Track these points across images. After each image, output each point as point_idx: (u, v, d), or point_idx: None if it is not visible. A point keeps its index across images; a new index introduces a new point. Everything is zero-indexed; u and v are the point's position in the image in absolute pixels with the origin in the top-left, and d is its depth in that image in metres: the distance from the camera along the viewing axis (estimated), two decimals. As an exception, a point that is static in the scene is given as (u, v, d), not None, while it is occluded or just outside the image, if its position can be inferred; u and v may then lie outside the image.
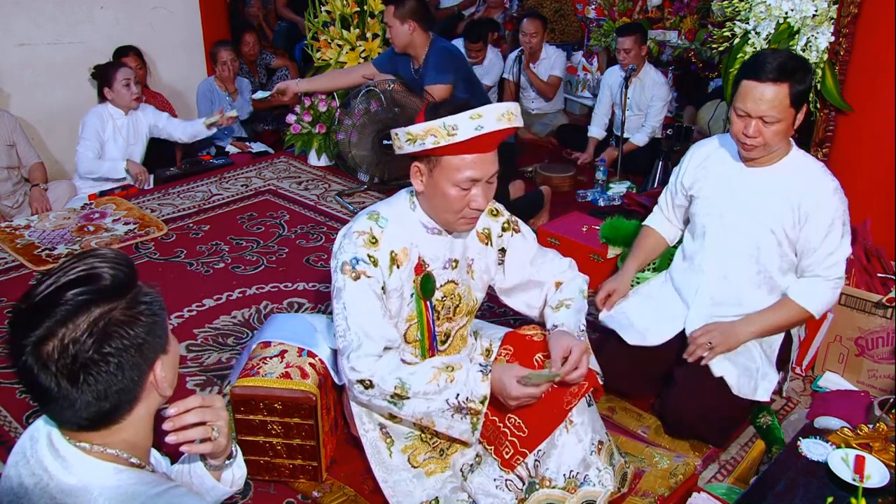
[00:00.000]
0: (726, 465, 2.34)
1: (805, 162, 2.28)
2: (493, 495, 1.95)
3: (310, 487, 2.17)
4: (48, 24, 4.53)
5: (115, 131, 4.27)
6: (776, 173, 2.27)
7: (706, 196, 2.41)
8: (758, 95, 2.11)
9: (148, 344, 1.10)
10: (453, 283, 2.03)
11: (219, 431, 1.27)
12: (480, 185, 1.84)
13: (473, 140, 1.75)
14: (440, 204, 1.88)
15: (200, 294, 3.26)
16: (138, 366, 1.10)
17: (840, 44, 2.62)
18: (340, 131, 4.35)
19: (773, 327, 2.35)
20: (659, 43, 5.60)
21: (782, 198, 2.25)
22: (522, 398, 1.83)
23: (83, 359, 1.03)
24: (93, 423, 1.10)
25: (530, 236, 2.18)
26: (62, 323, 1.02)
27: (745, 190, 2.31)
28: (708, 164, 2.43)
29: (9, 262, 3.52)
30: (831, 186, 2.23)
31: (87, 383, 1.05)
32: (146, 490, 1.10)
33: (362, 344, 1.85)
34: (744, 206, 2.31)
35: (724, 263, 2.37)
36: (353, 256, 1.87)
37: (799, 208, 2.23)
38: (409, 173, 1.90)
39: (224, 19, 5.46)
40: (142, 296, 1.11)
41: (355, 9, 4.58)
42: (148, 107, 4.45)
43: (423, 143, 1.77)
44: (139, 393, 1.12)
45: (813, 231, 2.23)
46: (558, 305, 2.09)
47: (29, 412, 2.48)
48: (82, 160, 4.21)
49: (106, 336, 1.04)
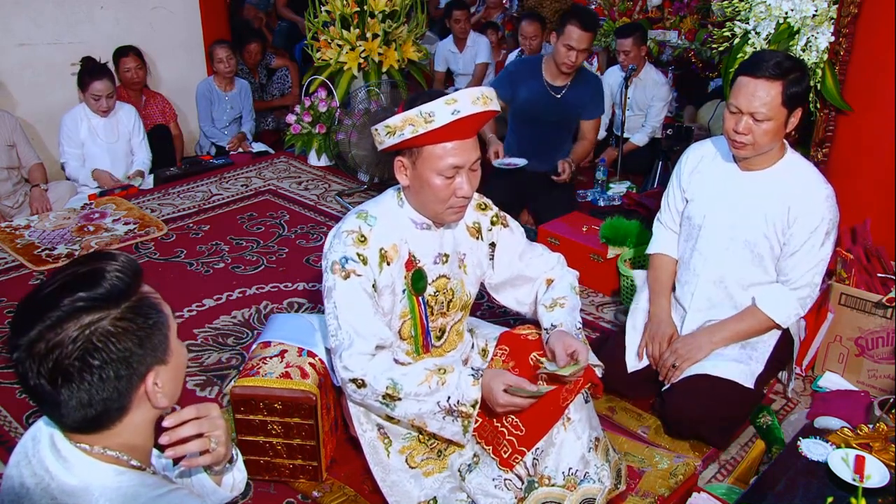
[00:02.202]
0: (726, 465, 2.34)
1: (800, 166, 2.28)
2: (493, 495, 1.95)
3: (310, 487, 2.17)
4: (48, 24, 4.53)
5: (90, 132, 4.27)
6: (770, 177, 2.27)
7: (700, 198, 2.41)
8: (751, 91, 2.12)
9: (137, 356, 1.07)
10: (445, 278, 2.04)
11: (217, 442, 1.26)
12: (464, 173, 1.85)
13: (452, 126, 1.76)
14: (427, 196, 1.88)
15: (200, 294, 3.26)
16: (126, 377, 1.07)
17: (840, 44, 2.62)
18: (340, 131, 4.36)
19: (738, 336, 2.35)
20: (659, 43, 5.60)
21: (776, 202, 2.24)
22: (508, 406, 1.85)
23: (64, 366, 1.02)
24: (82, 427, 1.10)
25: (518, 231, 2.18)
26: (52, 327, 1.02)
27: (738, 193, 2.31)
28: (702, 167, 2.43)
29: (9, 262, 3.52)
30: (824, 194, 2.22)
31: (69, 390, 1.04)
32: (147, 492, 1.09)
33: (353, 342, 1.86)
34: (737, 209, 2.31)
35: (718, 266, 2.37)
36: (343, 255, 1.88)
37: (789, 211, 2.23)
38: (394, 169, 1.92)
39: (224, 19, 5.46)
40: (140, 306, 1.08)
41: (355, 9, 4.58)
42: (132, 112, 4.42)
43: (402, 133, 1.79)
44: (128, 403, 1.10)
45: (797, 234, 2.23)
46: (552, 305, 2.09)
47: (29, 412, 2.48)
48: (69, 168, 4.29)
49: (90, 345, 1.03)
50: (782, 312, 2.31)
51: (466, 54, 5.86)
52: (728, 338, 2.35)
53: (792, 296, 2.29)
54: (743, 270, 2.34)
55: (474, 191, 1.91)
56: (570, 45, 3.40)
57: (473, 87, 1.82)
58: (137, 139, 4.46)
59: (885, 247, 2.68)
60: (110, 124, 4.32)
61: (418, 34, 4.86)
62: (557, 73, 3.57)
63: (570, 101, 3.62)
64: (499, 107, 1.87)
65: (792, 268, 2.27)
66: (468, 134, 1.84)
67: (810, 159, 2.78)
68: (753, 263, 2.33)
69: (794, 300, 2.30)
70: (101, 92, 4.15)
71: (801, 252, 2.24)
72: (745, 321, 2.35)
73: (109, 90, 4.20)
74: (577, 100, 3.63)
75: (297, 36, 6.49)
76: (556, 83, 3.60)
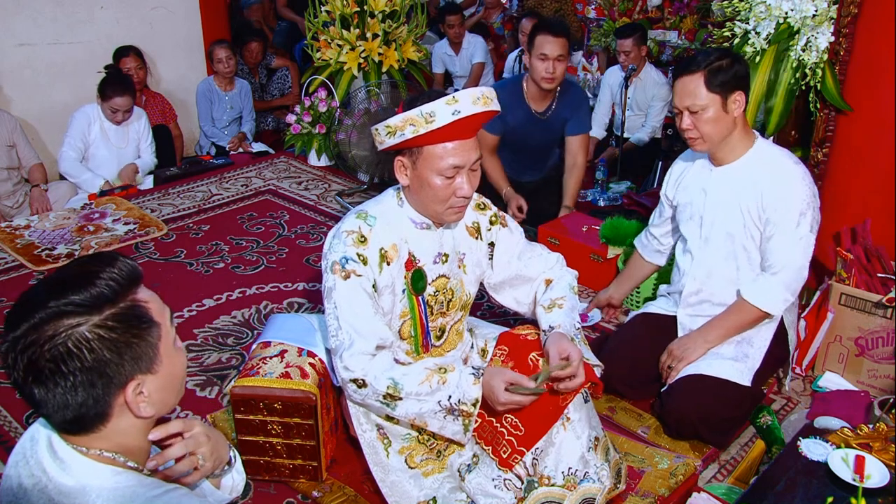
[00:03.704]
0: (726, 465, 2.34)
1: (770, 151, 2.32)
2: (492, 495, 1.95)
3: (310, 487, 2.17)
4: (48, 24, 4.53)
5: (102, 133, 4.28)
6: (742, 168, 2.31)
7: (684, 202, 2.48)
8: (679, 88, 2.24)
9: (114, 365, 1.05)
10: (445, 278, 2.04)
11: (204, 458, 1.26)
12: (464, 173, 1.85)
13: (452, 126, 1.76)
14: (427, 196, 1.88)
15: (200, 294, 3.26)
16: (102, 385, 1.05)
17: (840, 44, 2.62)
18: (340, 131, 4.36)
19: (731, 331, 2.37)
20: (659, 43, 5.61)
21: (749, 191, 2.28)
22: (509, 404, 1.84)
23: (39, 366, 1.02)
24: (66, 428, 1.09)
25: (517, 231, 2.19)
26: (35, 327, 1.02)
27: (716, 190, 2.36)
28: (685, 174, 2.51)
29: (9, 262, 3.52)
30: (794, 173, 2.25)
31: (44, 390, 1.04)
32: (144, 492, 1.09)
33: (354, 342, 1.86)
34: (717, 205, 2.36)
35: (705, 263, 2.42)
36: (343, 256, 1.88)
37: (762, 196, 2.25)
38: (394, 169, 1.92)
39: (224, 19, 5.46)
40: (125, 314, 1.06)
41: (355, 9, 4.58)
42: (143, 117, 4.45)
43: (402, 133, 1.79)
44: (107, 409, 1.08)
45: (773, 218, 2.25)
46: (550, 305, 2.09)
47: (29, 412, 2.48)
48: (64, 159, 4.23)
49: (65, 349, 1.01)
50: (769, 300, 2.31)
51: (463, 56, 5.87)
52: (722, 335, 2.37)
53: (775, 281, 2.30)
54: (728, 264, 2.38)
55: (474, 191, 1.91)
56: (545, 54, 3.23)
57: (474, 88, 1.82)
58: (145, 143, 4.48)
59: (885, 247, 2.68)
60: (122, 129, 4.34)
61: (418, 34, 4.86)
62: (540, 96, 3.40)
63: (553, 123, 3.53)
64: (499, 107, 1.87)
65: (771, 252, 2.29)
66: (468, 134, 1.84)
67: (810, 159, 2.79)
68: (737, 257, 2.36)
69: (779, 286, 2.30)
70: (120, 107, 4.19)
71: (777, 235, 2.26)
72: (735, 315, 2.37)
73: (128, 106, 4.22)
74: (561, 118, 3.53)
75: (297, 36, 6.49)
76: (541, 108, 3.46)
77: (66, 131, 4.23)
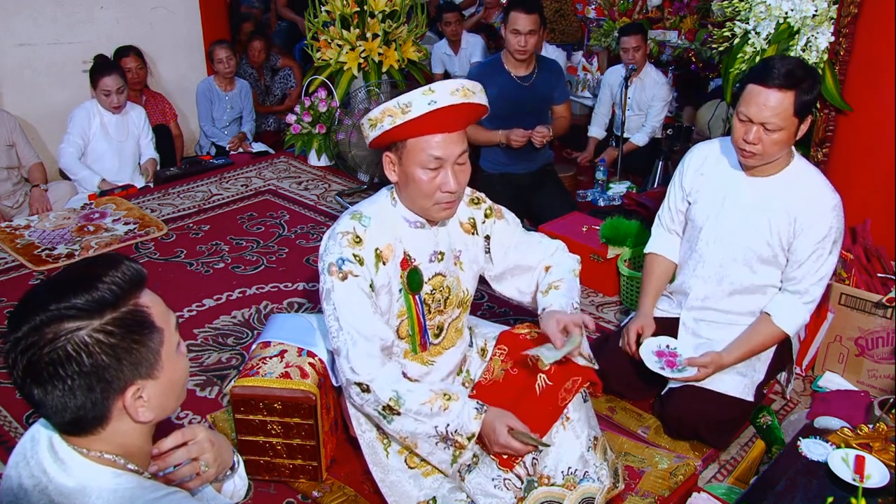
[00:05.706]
0: (726, 465, 2.34)
1: (807, 174, 2.25)
2: (492, 495, 1.95)
3: (310, 487, 2.17)
4: (48, 24, 4.53)
5: (102, 128, 4.28)
6: (776, 184, 2.24)
7: (703, 201, 2.39)
8: (762, 101, 2.07)
9: (113, 370, 1.04)
10: (441, 276, 2.03)
11: (207, 464, 1.26)
12: (449, 168, 1.83)
13: (431, 118, 1.75)
14: (413, 191, 1.88)
15: (200, 294, 3.26)
16: (100, 390, 1.05)
17: (840, 44, 2.62)
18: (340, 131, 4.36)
19: (755, 351, 2.34)
20: (659, 43, 5.61)
21: (781, 210, 2.22)
22: (506, 448, 1.86)
23: (38, 368, 1.02)
24: (65, 429, 1.10)
25: (514, 222, 2.18)
26: (36, 329, 1.02)
27: (743, 199, 2.28)
28: (706, 170, 2.40)
29: (9, 262, 3.52)
30: (831, 203, 2.19)
31: (42, 391, 1.04)
32: (144, 494, 1.09)
33: (357, 342, 1.86)
34: (741, 214, 2.29)
35: (718, 269, 2.36)
36: (339, 257, 1.88)
37: (795, 221, 2.21)
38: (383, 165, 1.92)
39: (224, 19, 5.46)
40: (126, 319, 1.06)
41: (355, 9, 4.58)
42: (142, 113, 4.45)
43: (382, 125, 1.79)
44: (106, 413, 1.08)
45: (804, 244, 2.21)
46: (547, 289, 2.08)
47: (29, 412, 2.48)
48: (63, 154, 4.23)
49: (64, 353, 1.01)
50: (794, 324, 2.30)
51: (461, 56, 5.84)
52: (746, 354, 2.31)
53: (803, 307, 2.29)
54: (740, 273, 2.33)
55: (462, 187, 1.89)
56: (517, 29, 3.48)
57: (454, 79, 1.81)
58: (146, 140, 4.49)
59: (885, 247, 2.68)
60: (121, 123, 4.33)
61: (418, 34, 4.86)
62: (518, 63, 3.63)
63: (538, 88, 3.69)
64: (485, 101, 1.85)
65: (801, 279, 2.25)
66: (452, 127, 1.82)
67: (810, 159, 2.79)
68: (751, 267, 2.32)
69: (805, 311, 2.29)
70: (110, 87, 4.17)
71: (808, 262, 2.22)
72: (759, 335, 2.31)
73: (119, 84, 4.21)
74: (546, 85, 3.71)
75: (297, 36, 6.49)
76: (521, 73, 3.65)
77: (67, 127, 4.23)
